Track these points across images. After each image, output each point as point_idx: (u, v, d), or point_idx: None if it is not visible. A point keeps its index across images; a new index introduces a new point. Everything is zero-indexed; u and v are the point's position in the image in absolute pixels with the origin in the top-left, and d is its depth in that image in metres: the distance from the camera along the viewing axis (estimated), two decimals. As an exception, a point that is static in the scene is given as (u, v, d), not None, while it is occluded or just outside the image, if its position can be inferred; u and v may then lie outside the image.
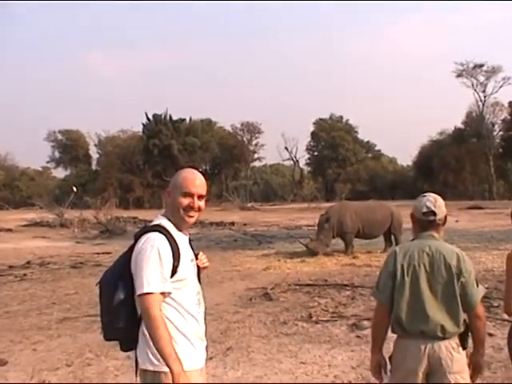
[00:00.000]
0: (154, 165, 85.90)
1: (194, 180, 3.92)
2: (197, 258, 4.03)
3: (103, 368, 7.87)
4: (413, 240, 4.50)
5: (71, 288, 14.50)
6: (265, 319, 10.55)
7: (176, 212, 3.87)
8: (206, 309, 4.01)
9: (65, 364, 8.16)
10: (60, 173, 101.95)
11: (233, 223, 37.63)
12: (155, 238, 3.65)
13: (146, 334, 3.58)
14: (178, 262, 3.68)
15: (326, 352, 8.38)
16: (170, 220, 3.84)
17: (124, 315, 3.63)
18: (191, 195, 3.87)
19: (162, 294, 3.57)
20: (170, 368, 3.45)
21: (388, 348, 4.47)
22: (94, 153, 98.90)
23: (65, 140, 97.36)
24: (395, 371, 4.33)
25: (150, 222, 3.98)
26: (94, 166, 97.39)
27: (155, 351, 3.54)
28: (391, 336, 4.44)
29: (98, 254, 22.48)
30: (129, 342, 3.73)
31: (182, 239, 3.82)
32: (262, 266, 17.68)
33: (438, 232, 4.44)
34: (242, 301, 12.37)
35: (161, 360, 3.52)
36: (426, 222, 4.42)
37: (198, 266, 4.01)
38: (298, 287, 13.58)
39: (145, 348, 3.64)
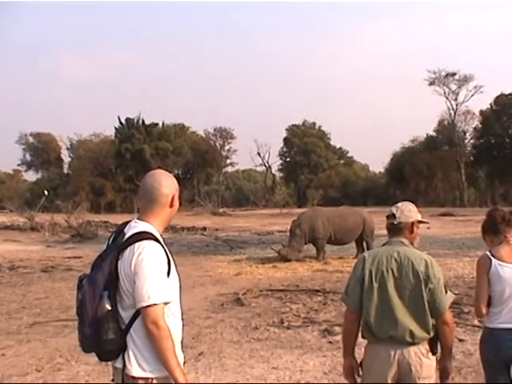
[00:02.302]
0: (126, 169, 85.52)
1: None
2: None
3: (74, 373, 7.82)
4: (382, 246, 4.54)
5: (41, 292, 14.38)
6: (236, 324, 10.56)
7: (171, 216, 3.89)
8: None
9: (35, 369, 8.09)
10: (31, 176, 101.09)
11: (204, 228, 37.54)
12: (153, 247, 3.58)
13: (137, 342, 3.54)
14: (170, 268, 3.63)
15: (297, 357, 8.41)
16: (151, 225, 3.75)
17: (111, 326, 3.53)
18: None
19: (165, 303, 3.52)
20: (175, 379, 3.43)
21: (360, 352, 4.51)
22: (65, 156, 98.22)
23: (36, 143, 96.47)
24: (365, 376, 4.38)
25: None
26: (65, 170, 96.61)
27: (147, 358, 3.52)
28: (363, 341, 4.47)
29: (69, 258, 22.33)
30: (111, 353, 3.61)
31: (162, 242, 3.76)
32: (233, 271, 17.70)
33: (406, 238, 4.49)
34: (213, 306, 12.36)
35: (152, 367, 3.51)
36: (391, 226, 4.51)
37: None
38: (269, 293, 13.62)
39: (134, 355, 3.55)
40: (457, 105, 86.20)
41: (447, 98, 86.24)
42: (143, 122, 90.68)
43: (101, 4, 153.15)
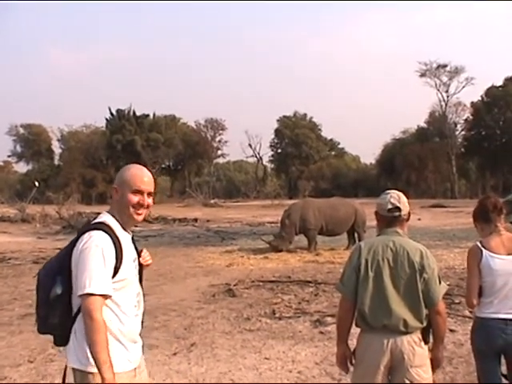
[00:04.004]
0: (116, 160, 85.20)
1: (143, 177, 3.85)
2: (139, 256, 3.95)
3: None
4: (378, 236, 4.56)
5: (33, 284, 14.03)
6: (228, 315, 10.57)
7: (125, 209, 3.78)
8: (144, 309, 3.91)
9: (27, 360, 8.08)
10: (22, 167, 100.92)
11: (196, 219, 37.56)
12: (99, 237, 3.55)
13: (77, 332, 3.53)
14: (121, 262, 3.59)
15: (289, 348, 8.43)
16: (115, 217, 3.76)
17: (59, 311, 3.55)
18: (141, 192, 3.80)
19: (104, 296, 3.46)
20: (101, 375, 3.34)
21: (351, 343, 4.54)
22: (56, 148, 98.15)
23: (27, 134, 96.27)
24: (358, 365, 4.40)
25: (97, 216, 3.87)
26: (56, 161, 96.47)
27: (85, 350, 3.46)
28: (354, 332, 4.49)
29: (60, 249, 22.02)
30: (62, 338, 3.63)
31: (125, 238, 3.74)
32: (225, 262, 17.71)
33: (402, 228, 4.52)
34: (205, 297, 12.36)
35: (89, 360, 3.44)
36: (391, 219, 4.50)
37: (140, 264, 3.91)
38: (261, 283, 13.63)
39: (74, 346, 3.55)
40: (448, 96, 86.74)
41: (438, 90, 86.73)
42: (134, 113, 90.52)
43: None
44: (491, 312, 4.88)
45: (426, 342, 4.38)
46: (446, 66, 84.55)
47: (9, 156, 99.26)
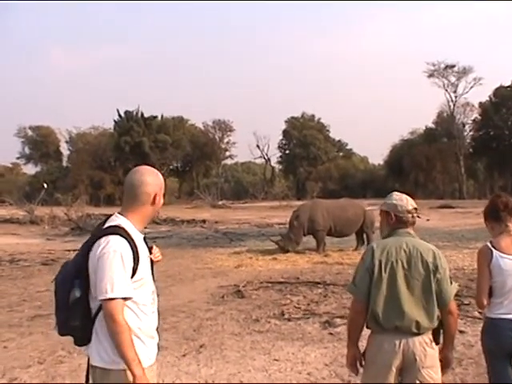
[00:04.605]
0: (125, 162, 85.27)
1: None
2: (150, 253, 3.98)
3: (76, 365, 7.81)
4: (386, 237, 4.56)
5: (42, 285, 14.35)
6: (237, 316, 10.57)
7: (154, 213, 3.95)
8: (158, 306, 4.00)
9: (37, 361, 8.09)
10: (30, 169, 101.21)
11: (204, 221, 37.57)
12: (117, 241, 3.61)
13: (98, 332, 3.62)
14: (137, 264, 3.66)
15: (298, 349, 8.42)
16: (128, 219, 3.80)
17: (80, 313, 3.62)
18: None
19: (125, 298, 3.56)
20: (132, 372, 3.48)
21: (361, 344, 4.53)
22: (64, 149, 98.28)
23: (35, 136, 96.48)
24: (370, 366, 4.40)
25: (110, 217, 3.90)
26: (64, 163, 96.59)
27: (106, 349, 3.60)
28: (364, 333, 4.50)
29: (68, 251, 22.22)
30: (83, 339, 3.72)
31: (139, 238, 3.80)
32: (233, 263, 17.70)
33: (412, 229, 4.52)
34: (214, 298, 12.36)
35: (111, 358, 3.58)
36: (410, 219, 4.52)
37: (151, 260, 3.97)
38: (270, 285, 13.62)
39: (96, 345, 3.64)
40: (456, 97, 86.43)
41: (446, 90, 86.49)
42: (142, 114, 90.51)
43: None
44: (501, 313, 4.87)
45: (437, 343, 4.39)
46: (453, 66, 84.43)
47: (17, 158, 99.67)
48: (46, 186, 49.30)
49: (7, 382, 7.33)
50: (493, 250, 4.91)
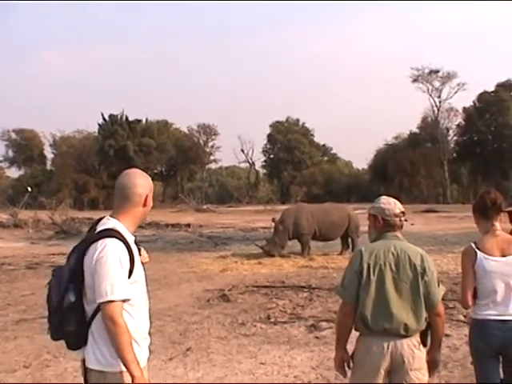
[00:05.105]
0: (109, 166, 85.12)
1: None
2: (140, 254, 4.00)
3: (62, 369, 7.81)
4: (374, 240, 4.59)
5: (27, 289, 14.31)
6: (223, 320, 10.59)
7: (146, 215, 3.97)
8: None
9: (22, 366, 8.08)
10: (14, 172, 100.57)
11: (188, 225, 37.44)
12: (114, 244, 3.63)
13: (95, 335, 3.64)
14: (133, 265, 3.68)
15: (285, 353, 8.45)
16: (120, 222, 3.82)
17: (75, 318, 3.64)
18: None
19: (123, 300, 3.59)
20: (131, 373, 3.50)
21: (348, 347, 4.56)
22: (48, 153, 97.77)
23: (19, 139, 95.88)
24: (358, 368, 4.43)
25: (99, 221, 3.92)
26: (48, 166, 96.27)
27: (103, 351, 3.62)
28: (351, 335, 4.52)
29: (53, 254, 22.18)
30: (78, 343, 3.72)
31: (131, 240, 3.81)
32: (218, 267, 17.71)
33: (400, 232, 4.56)
34: (199, 302, 12.38)
35: (108, 360, 3.61)
36: (397, 223, 4.56)
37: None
38: (255, 289, 13.65)
39: (92, 348, 3.66)
40: (440, 102, 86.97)
41: (430, 95, 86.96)
42: (127, 118, 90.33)
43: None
44: (488, 314, 4.87)
45: (425, 345, 4.43)
46: (438, 71, 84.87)
47: (0, 161, 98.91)
48: (30, 189, 49.10)
49: (-7, 386, 7.33)
50: (477, 251, 4.92)
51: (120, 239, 3.67)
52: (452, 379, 7.12)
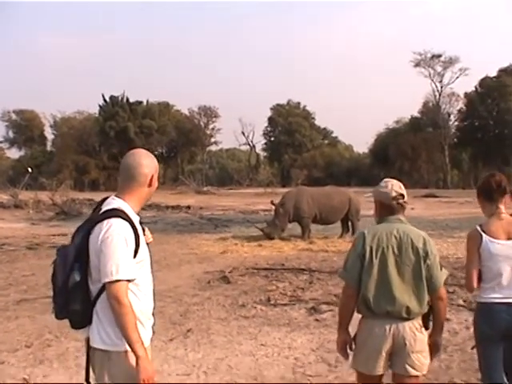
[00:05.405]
0: (109, 147, 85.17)
1: None
2: (144, 234, 3.98)
3: (63, 349, 7.84)
4: (378, 223, 4.60)
5: (27, 269, 14.34)
6: (224, 302, 10.62)
7: (149, 195, 3.94)
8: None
9: (24, 345, 8.10)
10: (14, 153, 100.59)
11: (189, 207, 37.50)
12: (119, 224, 3.62)
13: (100, 314, 3.65)
14: (138, 245, 3.69)
15: (285, 335, 8.49)
16: (126, 202, 3.81)
17: (80, 297, 3.64)
18: None
19: (128, 280, 3.59)
20: (135, 353, 3.52)
21: (350, 330, 4.57)
22: (49, 134, 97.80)
23: (19, 120, 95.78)
24: (360, 350, 4.46)
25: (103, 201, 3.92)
26: (49, 147, 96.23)
27: (107, 331, 3.64)
28: (354, 318, 4.54)
29: (53, 235, 22.21)
30: (82, 322, 3.73)
31: (136, 220, 3.81)
32: (219, 249, 17.75)
33: (403, 215, 4.57)
34: (200, 284, 12.40)
35: (113, 340, 3.63)
36: (395, 206, 4.55)
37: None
38: (255, 271, 13.68)
39: (97, 328, 3.67)
40: (442, 87, 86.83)
41: (432, 80, 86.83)
42: (127, 99, 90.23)
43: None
44: (493, 297, 4.84)
45: (427, 328, 4.45)
46: (440, 56, 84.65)
47: (1, 142, 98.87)
48: (30, 170, 49.07)
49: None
50: (482, 234, 4.88)
51: (125, 219, 3.66)
52: (452, 363, 7.14)
